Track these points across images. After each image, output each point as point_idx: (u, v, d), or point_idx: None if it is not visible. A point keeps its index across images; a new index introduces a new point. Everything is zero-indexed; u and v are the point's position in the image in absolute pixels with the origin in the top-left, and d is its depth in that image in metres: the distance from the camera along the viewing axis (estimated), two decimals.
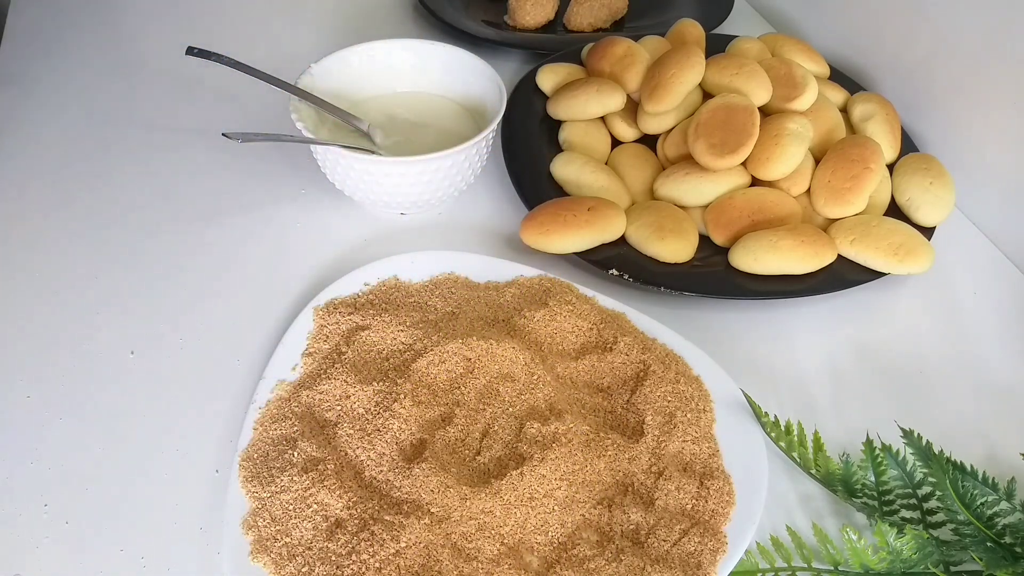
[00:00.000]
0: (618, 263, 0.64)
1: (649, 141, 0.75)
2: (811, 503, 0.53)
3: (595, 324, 0.59)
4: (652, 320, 0.59)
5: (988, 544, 0.47)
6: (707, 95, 0.74)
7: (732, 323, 0.64)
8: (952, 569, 0.48)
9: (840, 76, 0.82)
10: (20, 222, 0.68)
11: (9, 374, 0.57)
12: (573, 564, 0.47)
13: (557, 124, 0.76)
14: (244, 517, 0.48)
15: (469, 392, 0.54)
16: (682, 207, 0.68)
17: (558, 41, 0.93)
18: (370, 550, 0.45)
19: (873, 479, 0.51)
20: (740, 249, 0.64)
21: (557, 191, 0.70)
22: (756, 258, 0.63)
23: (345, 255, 0.67)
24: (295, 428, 0.52)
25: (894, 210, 0.70)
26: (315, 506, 0.47)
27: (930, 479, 0.50)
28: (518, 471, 0.49)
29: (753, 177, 0.69)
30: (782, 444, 0.53)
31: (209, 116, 0.80)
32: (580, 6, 0.94)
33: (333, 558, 0.45)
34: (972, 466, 0.50)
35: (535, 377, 0.55)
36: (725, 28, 0.93)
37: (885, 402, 0.59)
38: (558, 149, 0.74)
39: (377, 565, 0.45)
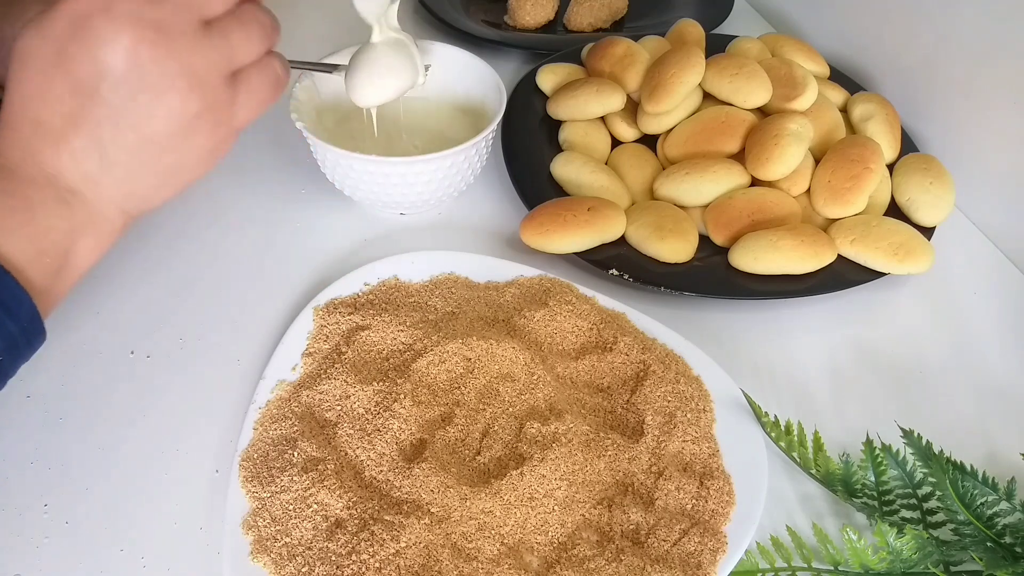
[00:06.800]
0: (618, 263, 0.64)
1: (649, 141, 0.75)
2: (811, 503, 0.53)
3: (595, 324, 0.59)
4: (652, 320, 0.59)
5: (988, 544, 0.47)
6: (707, 95, 0.74)
7: (732, 323, 0.64)
8: (952, 569, 0.48)
9: (840, 76, 0.82)
10: None
11: None
12: (573, 564, 0.47)
13: (557, 124, 0.76)
14: (244, 517, 0.48)
15: (469, 392, 0.54)
16: (682, 207, 0.68)
17: (558, 41, 0.93)
18: (370, 550, 0.45)
19: (873, 479, 0.51)
20: (740, 249, 0.64)
21: (557, 191, 0.70)
22: (756, 258, 0.63)
23: (345, 255, 0.67)
24: (295, 428, 0.52)
25: (894, 210, 0.69)
26: (315, 506, 0.47)
27: (930, 479, 0.50)
28: (518, 471, 0.49)
29: (753, 177, 0.69)
30: (782, 444, 0.53)
31: None
32: (580, 6, 0.93)
33: (333, 558, 0.45)
34: (972, 466, 0.50)
35: (535, 377, 0.55)
36: (725, 28, 0.93)
37: (885, 402, 0.59)
38: (558, 149, 0.74)
39: (377, 565, 0.45)
